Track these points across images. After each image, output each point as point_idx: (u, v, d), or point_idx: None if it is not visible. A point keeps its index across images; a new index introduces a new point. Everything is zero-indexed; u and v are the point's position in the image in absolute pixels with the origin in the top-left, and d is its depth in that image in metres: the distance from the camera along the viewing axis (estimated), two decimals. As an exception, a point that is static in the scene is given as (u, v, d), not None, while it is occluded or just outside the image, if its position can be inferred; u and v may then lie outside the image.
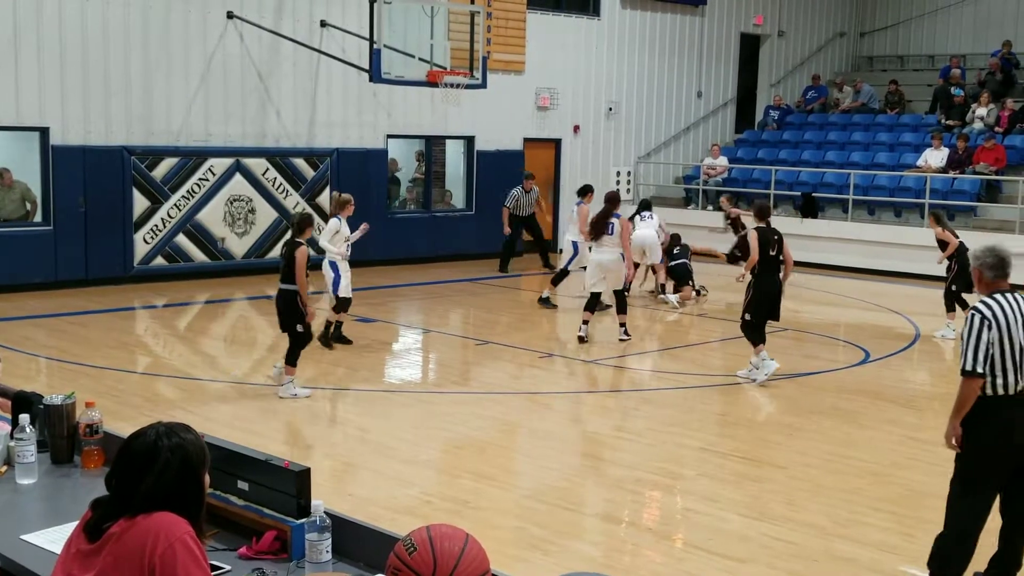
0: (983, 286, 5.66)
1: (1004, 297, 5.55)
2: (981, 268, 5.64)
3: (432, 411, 9.92)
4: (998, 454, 5.54)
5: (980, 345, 5.42)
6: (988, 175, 19.77)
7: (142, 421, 3.37)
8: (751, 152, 23.75)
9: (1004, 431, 5.51)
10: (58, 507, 3.98)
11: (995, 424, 5.50)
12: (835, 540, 6.68)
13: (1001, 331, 5.45)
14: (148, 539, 2.83)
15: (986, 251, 5.66)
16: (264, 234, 17.46)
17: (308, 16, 17.71)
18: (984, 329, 5.44)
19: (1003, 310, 5.49)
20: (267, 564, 3.47)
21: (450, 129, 19.83)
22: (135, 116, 16.13)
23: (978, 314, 5.49)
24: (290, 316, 9.95)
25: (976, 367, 5.42)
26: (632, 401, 10.56)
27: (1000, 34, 23.93)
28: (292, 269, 9.85)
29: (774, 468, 8.23)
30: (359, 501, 7.05)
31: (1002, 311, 5.49)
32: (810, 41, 26.57)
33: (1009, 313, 5.50)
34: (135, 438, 3.01)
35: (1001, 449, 5.53)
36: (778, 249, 10.84)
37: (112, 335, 12.76)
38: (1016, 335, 5.48)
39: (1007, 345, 5.46)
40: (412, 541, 2.70)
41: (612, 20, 22.34)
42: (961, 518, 5.66)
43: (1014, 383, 5.48)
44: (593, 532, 6.95)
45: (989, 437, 5.52)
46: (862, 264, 19.64)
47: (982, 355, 5.42)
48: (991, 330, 5.44)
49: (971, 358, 5.43)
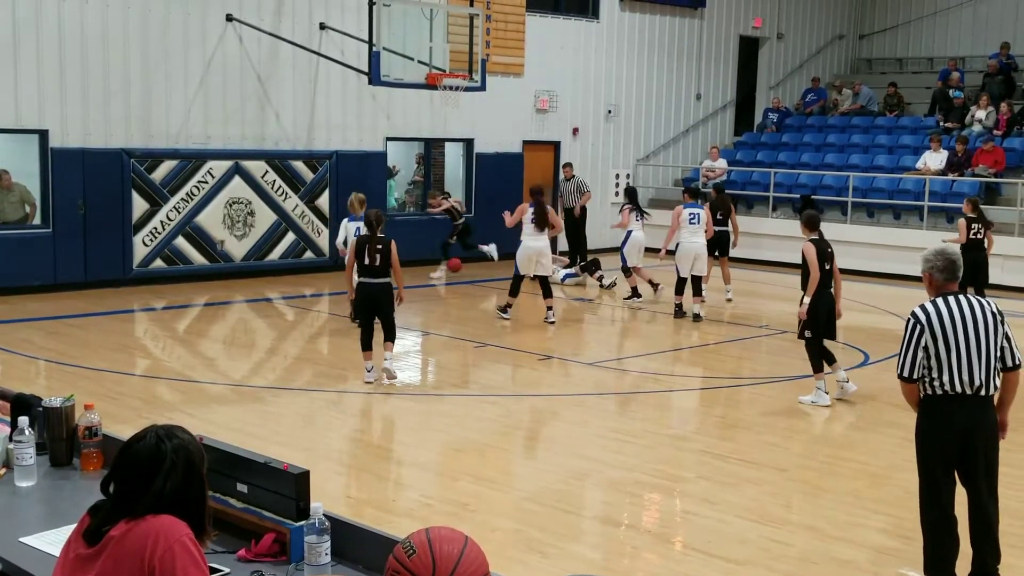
0: (933, 288, 5.81)
1: (947, 300, 5.71)
2: (931, 271, 5.80)
3: (431, 413, 9.93)
4: (938, 446, 5.75)
5: (911, 350, 5.65)
6: (987, 177, 19.78)
7: (141, 424, 3.37)
8: (750, 154, 23.77)
9: (943, 427, 5.71)
10: (57, 510, 3.98)
11: (939, 418, 5.72)
12: (834, 542, 6.69)
13: (935, 334, 5.62)
14: (147, 542, 2.83)
15: (936, 254, 5.84)
16: (263, 236, 17.47)
17: (307, 19, 17.72)
18: (916, 333, 5.65)
19: (939, 314, 5.66)
20: (266, 566, 3.47)
21: (449, 131, 19.84)
22: (134, 118, 16.14)
23: (912, 319, 5.70)
24: (388, 305, 10.70)
25: (905, 372, 5.68)
26: (631, 403, 10.56)
27: (999, 36, 23.96)
28: (389, 263, 10.54)
29: (773, 470, 8.23)
30: (358, 503, 7.05)
31: (938, 315, 5.66)
32: (809, 43, 26.59)
33: (950, 316, 5.65)
34: (136, 441, 3.01)
35: (940, 440, 5.73)
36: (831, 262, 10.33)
37: (111, 337, 12.77)
38: (959, 336, 5.62)
39: (944, 347, 5.61)
40: (411, 543, 2.70)
41: (611, 22, 22.36)
42: (929, 512, 5.86)
43: (958, 384, 5.64)
44: (592, 534, 6.95)
45: (931, 434, 5.77)
46: (861, 266, 19.62)
47: (910, 360, 5.65)
48: (923, 334, 5.63)
49: (901, 363, 5.69)
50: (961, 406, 5.68)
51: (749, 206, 22.51)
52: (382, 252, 10.49)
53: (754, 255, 20.66)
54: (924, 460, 5.85)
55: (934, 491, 5.85)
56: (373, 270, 10.53)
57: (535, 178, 20.86)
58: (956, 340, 5.62)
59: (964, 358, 5.62)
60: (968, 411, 5.69)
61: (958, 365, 5.62)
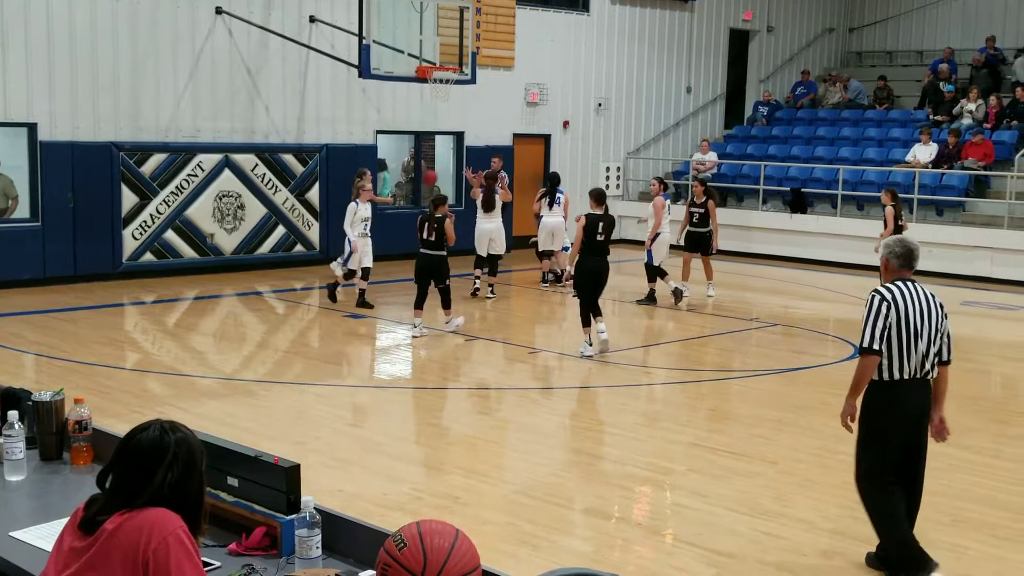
0: (889, 273, 6.00)
1: (904, 285, 5.89)
2: (889, 257, 5.99)
3: (421, 407, 9.93)
4: (889, 430, 5.91)
5: (879, 324, 5.78)
6: (976, 170, 19.83)
7: (131, 417, 3.37)
8: (740, 147, 23.80)
9: (896, 411, 5.87)
10: (47, 504, 3.97)
11: (889, 405, 5.87)
12: (824, 535, 6.71)
13: (899, 315, 5.80)
14: (142, 534, 2.83)
15: (896, 242, 6.05)
16: (253, 230, 17.44)
17: (297, 11, 17.68)
18: (883, 309, 5.79)
19: (903, 296, 5.84)
20: (257, 560, 3.47)
21: (439, 125, 19.83)
22: (124, 112, 16.09)
23: (879, 295, 5.85)
24: (441, 274, 12.76)
25: (874, 344, 5.78)
26: (621, 396, 10.57)
27: (988, 29, 24.01)
28: (443, 238, 12.62)
29: (764, 463, 8.24)
30: (349, 497, 7.05)
31: (902, 296, 5.84)
32: (799, 37, 26.62)
33: (909, 300, 5.84)
34: (139, 432, 3.00)
35: (892, 425, 5.90)
36: (606, 234, 11.78)
37: (101, 331, 12.74)
38: (913, 321, 5.81)
39: (903, 330, 5.78)
40: (402, 537, 2.71)
41: (601, 16, 22.35)
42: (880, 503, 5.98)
43: (909, 368, 5.82)
44: (583, 527, 6.96)
45: (883, 418, 5.90)
46: (851, 259, 19.68)
47: (879, 333, 5.77)
48: (890, 311, 5.79)
49: (869, 336, 5.79)
50: (912, 390, 5.88)
51: (739, 199, 22.56)
52: (436, 229, 12.54)
53: (744, 248, 20.72)
54: (878, 444, 5.95)
55: (887, 474, 5.97)
56: (429, 243, 12.60)
57: (525, 171, 20.90)
58: (911, 324, 5.81)
59: (915, 343, 5.82)
60: (919, 394, 5.92)
61: (914, 349, 5.81)
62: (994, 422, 9.72)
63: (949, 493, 7.58)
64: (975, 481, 7.88)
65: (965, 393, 11.05)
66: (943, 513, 7.15)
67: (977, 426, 9.53)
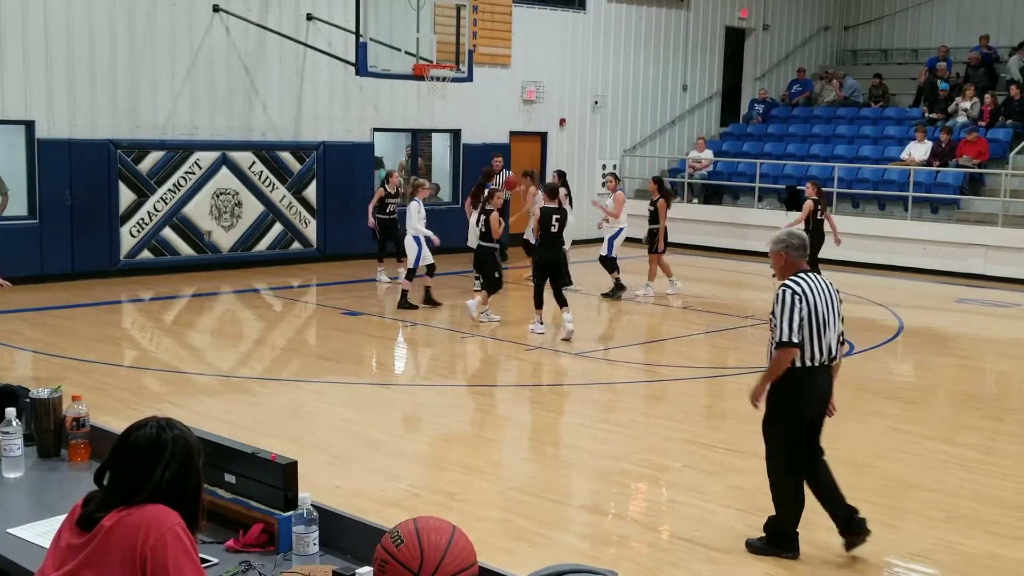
0: (789, 267, 6.20)
1: (809, 276, 6.13)
2: (788, 250, 6.20)
3: (419, 403, 9.95)
4: (803, 413, 6.21)
5: (795, 317, 5.99)
6: (971, 168, 19.86)
7: (129, 415, 3.39)
8: (736, 145, 23.82)
9: (809, 395, 6.17)
10: (45, 501, 3.99)
11: (804, 390, 6.15)
12: (819, 530, 6.72)
13: (810, 307, 6.04)
14: (139, 531, 2.85)
15: (791, 235, 6.30)
16: (250, 227, 17.45)
17: (294, 9, 17.68)
18: (797, 303, 6.01)
19: (811, 288, 6.08)
20: (254, 557, 3.49)
21: (436, 122, 19.83)
22: (121, 109, 16.09)
23: (789, 290, 6.06)
24: (490, 265, 13.33)
25: (792, 337, 6.01)
26: (617, 393, 10.59)
27: (982, 28, 24.02)
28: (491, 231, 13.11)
29: (759, 460, 8.20)
30: (346, 494, 7.06)
31: (811, 289, 6.07)
32: (795, 35, 26.63)
33: (816, 291, 6.08)
34: (136, 429, 3.02)
35: (806, 409, 6.20)
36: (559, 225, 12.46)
37: (98, 329, 12.75)
38: (822, 311, 6.06)
39: (814, 320, 6.03)
40: (399, 533, 2.72)
41: (598, 14, 22.36)
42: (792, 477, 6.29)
43: (821, 355, 6.09)
44: (579, 524, 6.98)
45: (801, 403, 6.18)
46: (846, 257, 19.68)
47: (796, 326, 6.00)
48: (803, 303, 6.02)
49: (787, 330, 6.00)
50: (821, 375, 6.17)
51: (735, 196, 22.59)
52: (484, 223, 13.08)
53: (739, 245, 20.75)
54: (792, 429, 6.21)
55: (798, 457, 6.27)
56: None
57: (522, 169, 20.89)
58: (820, 314, 6.06)
59: (825, 331, 6.08)
60: (826, 379, 6.22)
61: (824, 337, 6.08)
62: (988, 419, 9.75)
63: (943, 490, 7.61)
64: (969, 478, 7.90)
65: (959, 390, 11.10)
66: (937, 510, 7.19)
67: (971, 423, 9.57)
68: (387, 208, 15.93)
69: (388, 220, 15.98)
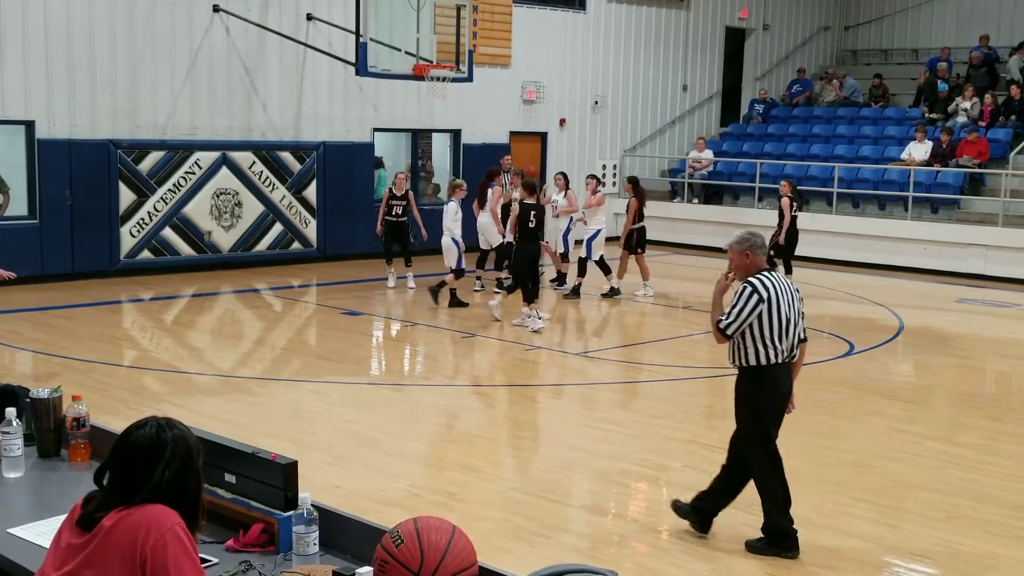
0: (753, 266, 6.27)
1: (772, 276, 6.25)
2: (752, 249, 6.28)
3: (419, 404, 9.95)
4: (771, 407, 6.34)
5: (744, 316, 6.12)
6: (971, 168, 19.86)
7: (129, 414, 3.39)
8: (736, 145, 23.82)
9: (774, 390, 6.29)
10: (45, 501, 3.99)
11: (774, 387, 6.29)
12: (819, 531, 6.73)
13: (771, 306, 6.14)
14: (139, 531, 2.85)
15: (752, 235, 6.36)
16: (251, 227, 17.45)
17: (294, 9, 17.68)
18: (753, 304, 6.12)
19: (775, 288, 6.18)
20: (254, 556, 3.49)
21: (436, 122, 19.83)
22: (121, 109, 16.09)
23: (756, 294, 6.14)
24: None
25: (729, 330, 6.17)
26: (617, 393, 10.59)
27: (982, 28, 24.02)
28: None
29: (759, 460, 8.25)
30: (346, 494, 7.06)
31: (775, 289, 6.17)
32: (795, 35, 26.64)
33: (779, 291, 6.18)
34: (136, 429, 3.01)
35: (771, 404, 6.33)
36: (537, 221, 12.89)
37: (98, 329, 12.75)
38: (784, 310, 6.17)
39: (776, 319, 6.14)
40: (399, 533, 2.73)
41: (598, 14, 22.36)
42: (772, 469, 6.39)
43: (783, 353, 6.21)
44: (579, 524, 6.98)
45: (771, 399, 6.31)
46: (846, 257, 19.73)
47: (742, 323, 6.13)
48: (761, 304, 6.12)
49: (734, 324, 6.15)
50: (785, 372, 6.31)
51: (735, 196, 22.59)
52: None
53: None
54: (766, 426, 6.34)
55: (775, 452, 6.39)
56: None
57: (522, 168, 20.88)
58: (782, 313, 6.17)
59: (788, 329, 6.20)
60: (788, 376, 6.36)
61: (787, 335, 6.20)
62: (988, 419, 9.75)
63: (943, 489, 7.61)
64: (969, 478, 7.90)
65: (959, 390, 11.10)
66: (937, 510, 7.19)
67: (971, 423, 9.57)
68: (393, 210, 15.66)
69: (395, 223, 15.69)
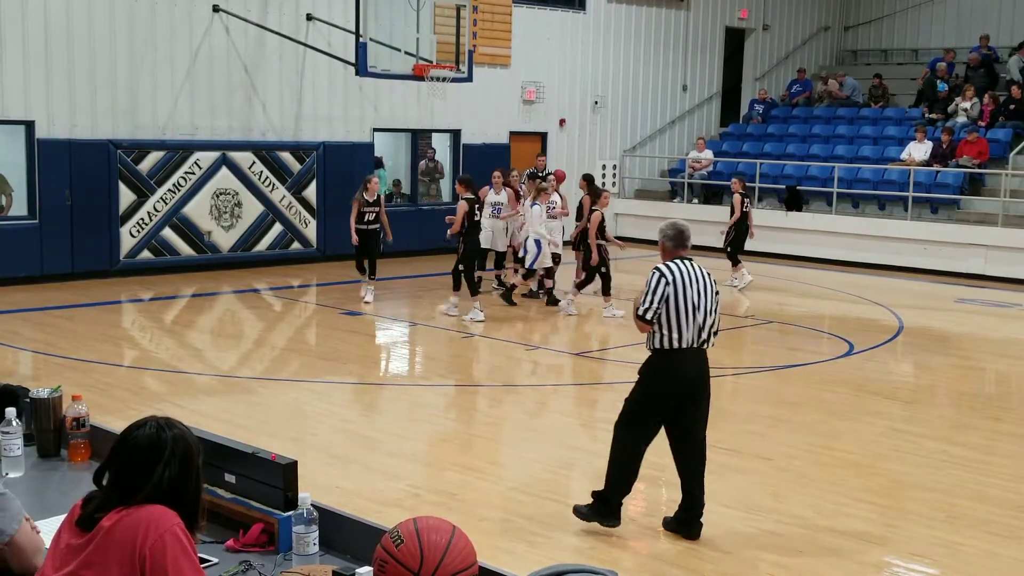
0: (666, 254, 6.54)
1: (681, 263, 6.45)
2: (664, 240, 6.57)
3: (418, 404, 9.95)
4: (664, 396, 6.50)
5: (655, 298, 6.35)
6: (971, 168, 19.87)
7: (129, 414, 3.39)
8: (736, 145, 23.82)
9: (672, 377, 6.46)
10: (45, 501, 3.98)
11: (666, 372, 6.47)
12: (819, 531, 6.73)
13: (676, 290, 6.34)
14: (138, 531, 2.85)
15: (669, 226, 6.63)
16: (250, 228, 17.45)
17: (294, 9, 17.69)
18: (661, 285, 6.35)
19: (680, 272, 6.39)
20: (254, 556, 3.49)
21: (436, 123, 19.84)
22: (121, 109, 16.09)
23: (658, 272, 6.41)
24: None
25: (647, 315, 6.38)
26: (617, 393, 10.56)
27: (982, 28, 24.01)
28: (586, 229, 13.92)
29: (759, 460, 8.27)
30: (346, 494, 7.07)
31: (680, 273, 6.39)
32: (795, 35, 26.64)
33: (685, 276, 6.38)
34: (135, 429, 3.01)
35: (667, 391, 6.48)
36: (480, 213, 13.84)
37: (98, 329, 12.75)
38: (689, 296, 6.36)
39: (681, 303, 6.33)
40: (399, 533, 2.73)
41: (597, 14, 22.36)
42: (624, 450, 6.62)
43: (688, 338, 6.37)
44: (578, 523, 6.97)
45: (659, 384, 6.51)
46: (846, 257, 19.74)
47: (654, 305, 6.34)
48: (667, 286, 6.34)
49: (645, 307, 6.38)
50: (689, 359, 6.43)
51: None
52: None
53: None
54: (643, 405, 6.56)
55: (640, 435, 6.61)
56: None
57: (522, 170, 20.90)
58: (688, 298, 6.34)
59: (692, 315, 6.35)
60: (695, 364, 6.48)
61: (690, 321, 6.35)
62: (988, 419, 9.75)
63: (943, 489, 7.61)
64: (969, 477, 7.90)
65: (959, 390, 11.11)
66: (937, 510, 7.19)
67: (971, 423, 9.57)
68: (365, 217, 14.30)
69: (367, 231, 14.35)
